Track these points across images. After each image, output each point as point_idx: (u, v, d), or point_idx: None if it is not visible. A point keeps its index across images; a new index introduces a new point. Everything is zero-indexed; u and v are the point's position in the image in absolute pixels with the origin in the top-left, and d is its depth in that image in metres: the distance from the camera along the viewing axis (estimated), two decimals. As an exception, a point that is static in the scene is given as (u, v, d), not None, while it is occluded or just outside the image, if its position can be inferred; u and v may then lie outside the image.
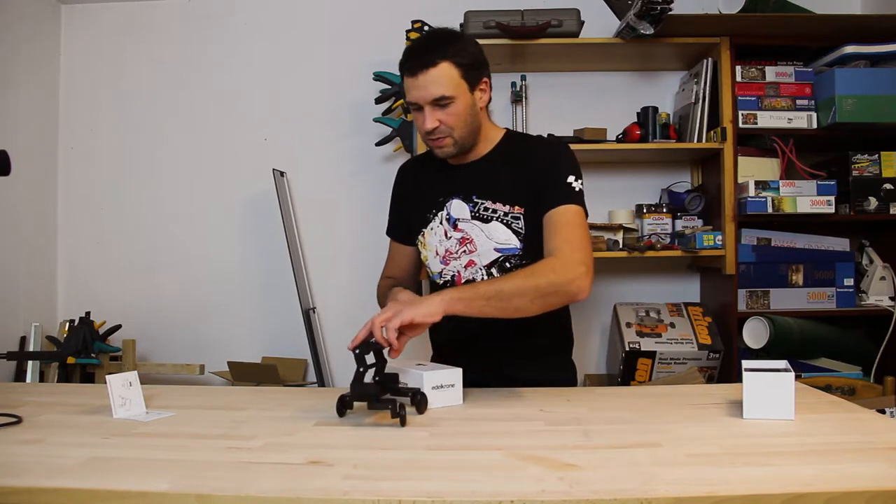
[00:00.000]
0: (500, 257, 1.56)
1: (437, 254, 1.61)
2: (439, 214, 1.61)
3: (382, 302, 1.66)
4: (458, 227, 1.58)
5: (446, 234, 1.59)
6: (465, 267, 1.58)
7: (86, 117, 2.88)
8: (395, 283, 1.66)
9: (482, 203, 1.56)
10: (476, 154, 1.60)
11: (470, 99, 1.50)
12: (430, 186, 1.64)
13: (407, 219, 1.70)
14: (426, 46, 1.49)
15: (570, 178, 1.50)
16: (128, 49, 2.88)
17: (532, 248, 1.53)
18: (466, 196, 1.58)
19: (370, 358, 1.26)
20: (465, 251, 1.57)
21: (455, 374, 1.36)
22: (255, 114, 2.85)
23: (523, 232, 1.54)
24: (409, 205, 1.69)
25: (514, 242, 1.54)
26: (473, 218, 1.57)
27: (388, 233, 1.78)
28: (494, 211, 1.55)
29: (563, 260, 1.40)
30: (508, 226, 1.55)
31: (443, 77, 1.45)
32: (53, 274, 2.87)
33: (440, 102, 1.47)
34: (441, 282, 1.62)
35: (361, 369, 1.24)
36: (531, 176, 1.53)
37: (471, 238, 1.57)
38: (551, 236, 1.46)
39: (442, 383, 1.34)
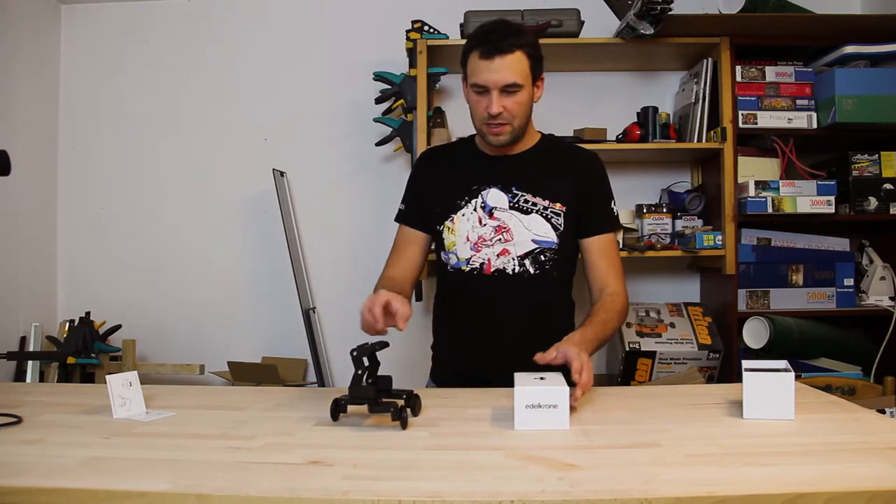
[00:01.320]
0: (536, 249, 1.59)
1: (469, 239, 1.60)
2: (473, 202, 1.61)
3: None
4: (494, 215, 1.60)
5: (481, 221, 1.60)
6: (498, 256, 1.59)
7: (86, 117, 2.88)
8: (392, 285, 1.59)
9: (522, 195, 1.60)
10: (517, 148, 1.64)
11: (531, 91, 1.56)
12: (460, 174, 1.65)
13: (429, 205, 1.67)
14: (502, 32, 1.52)
15: (613, 203, 1.68)
16: (128, 49, 2.88)
17: (566, 245, 1.62)
18: (505, 186, 1.61)
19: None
20: (499, 239, 1.59)
21: (558, 393, 1.16)
22: (255, 114, 2.85)
23: (561, 229, 1.60)
24: (434, 191, 1.67)
25: (551, 237, 1.60)
26: (511, 208, 1.60)
27: (401, 219, 1.73)
28: (535, 204, 1.60)
29: (622, 295, 1.60)
30: (548, 220, 1.60)
31: (517, 64, 1.50)
32: (53, 274, 2.87)
33: (509, 89, 1.51)
34: (467, 269, 1.61)
35: (360, 372, 1.24)
36: (579, 183, 1.63)
37: (508, 227, 1.59)
38: (602, 262, 1.63)
39: (540, 402, 1.15)
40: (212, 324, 2.84)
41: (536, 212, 1.60)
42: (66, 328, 2.62)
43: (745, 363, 1.24)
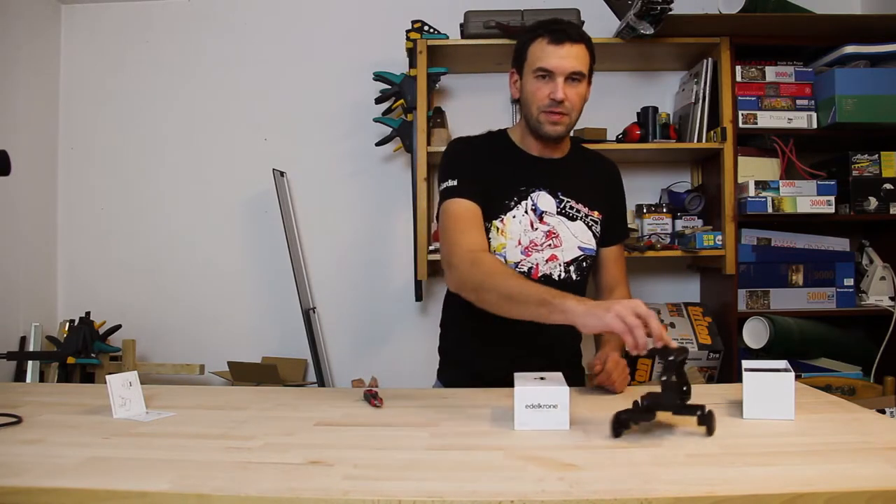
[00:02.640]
0: (580, 256, 1.61)
1: (520, 243, 1.56)
2: (523, 203, 1.57)
3: (498, 281, 1.37)
4: (544, 220, 1.58)
5: (532, 225, 1.57)
6: (547, 261, 1.58)
7: (86, 117, 2.88)
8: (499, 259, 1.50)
9: (568, 201, 1.60)
10: (558, 151, 1.63)
11: (587, 89, 1.56)
12: (509, 173, 1.58)
13: (484, 190, 1.54)
14: (571, 25, 1.53)
15: (626, 213, 1.74)
16: (128, 49, 2.88)
17: (598, 253, 1.67)
18: (552, 191, 1.59)
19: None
20: (549, 245, 1.58)
21: (559, 393, 1.15)
22: (255, 114, 2.85)
23: (598, 236, 1.63)
24: (483, 179, 1.55)
25: (593, 244, 1.63)
26: (559, 214, 1.59)
27: (463, 194, 1.52)
28: (579, 211, 1.61)
29: (628, 297, 1.61)
30: (589, 227, 1.62)
31: (583, 55, 1.51)
32: (53, 274, 2.87)
33: (575, 77, 1.50)
34: (516, 271, 1.54)
35: (674, 377, 1.12)
36: (610, 192, 1.68)
37: (557, 233, 1.58)
38: (617, 269, 1.70)
39: (540, 402, 1.15)
40: (212, 324, 2.84)
41: (580, 219, 1.60)
42: (66, 328, 2.62)
43: (745, 363, 1.24)
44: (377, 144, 2.63)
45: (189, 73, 2.86)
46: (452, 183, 1.54)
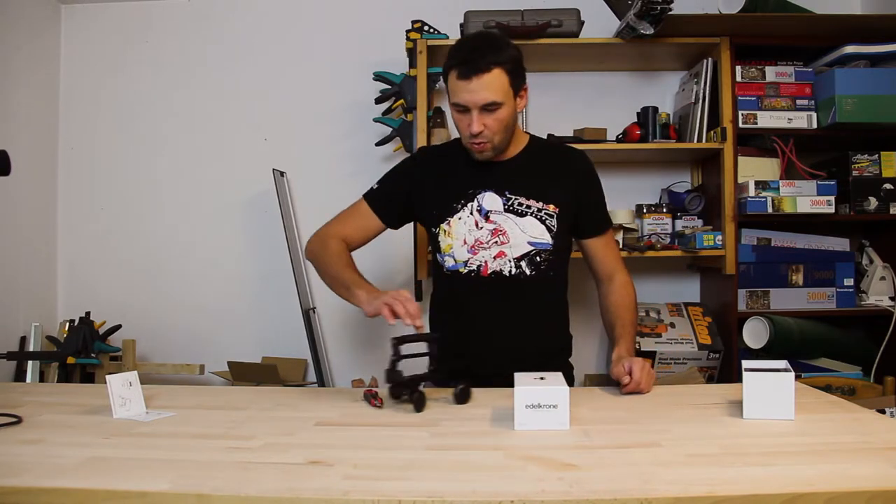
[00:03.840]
0: (532, 251, 1.61)
1: (466, 242, 1.62)
2: (469, 205, 1.63)
3: (328, 259, 1.65)
4: (490, 218, 1.61)
5: (477, 225, 1.62)
6: (494, 258, 1.61)
7: (86, 117, 2.88)
8: (348, 250, 1.70)
9: (516, 199, 1.61)
10: (506, 154, 1.65)
11: (514, 105, 1.56)
12: (457, 178, 1.66)
13: (420, 205, 1.69)
14: (480, 50, 1.51)
15: (605, 201, 1.72)
16: (128, 49, 2.88)
17: (560, 245, 1.65)
18: (499, 190, 1.62)
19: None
20: (496, 242, 1.61)
21: (559, 393, 1.17)
22: (255, 114, 2.85)
23: (555, 230, 1.62)
24: (431, 192, 1.68)
25: (546, 238, 1.62)
26: (506, 211, 1.61)
27: (369, 199, 1.74)
28: (528, 207, 1.61)
29: (630, 282, 1.71)
30: (542, 222, 1.62)
31: (495, 83, 1.50)
32: (53, 274, 2.87)
33: (489, 108, 1.51)
34: (465, 270, 1.63)
35: (395, 357, 1.35)
36: (576, 184, 1.66)
37: (504, 230, 1.61)
38: (608, 258, 1.71)
39: (540, 402, 1.16)
40: (212, 324, 2.84)
41: (531, 214, 1.61)
42: (66, 328, 2.62)
43: (745, 363, 1.24)
44: (377, 144, 2.63)
45: (189, 73, 2.86)
46: (374, 186, 1.75)
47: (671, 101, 2.75)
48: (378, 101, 2.58)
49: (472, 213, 1.63)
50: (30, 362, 2.57)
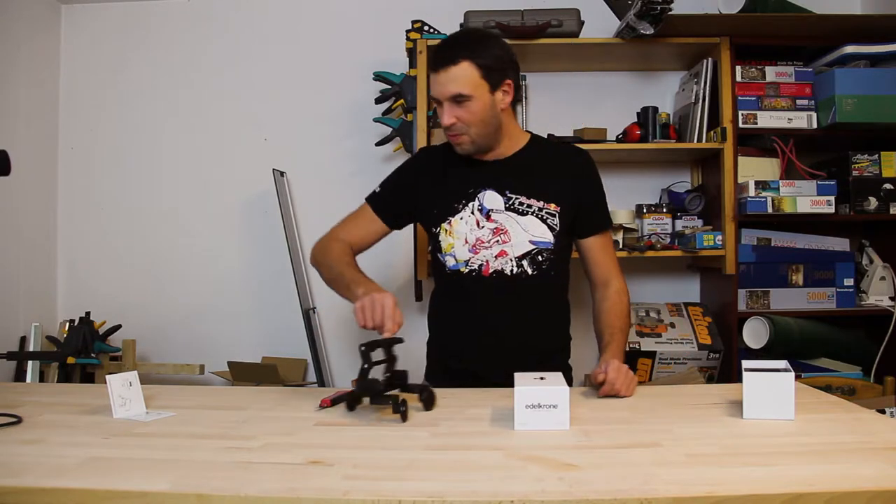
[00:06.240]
0: (533, 250, 1.61)
1: (467, 242, 1.62)
2: (470, 205, 1.63)
3: (330, 262, 1.64)
4: (492, 217, 1.61)
5: (478, 224, 1.62)
6: (496, 257, 1.61)
7: (86, 117, 2.88)
8: (351, 252, 1.69)
9: (517, 198, 1.61)
10: (504, 152, 1.65)
11: (489, 99, 1.55)
12: (458, 177, 1.66)
13: (423, 205, 1.69)
14: (451, 44, 1.55)
15: (606, 201, 1.70)
16: (128, 49, 2.88)
17: (562, 244, 1.64)
18: (499, 189, 1.62)
19: (377, 355, 1.31)
20: (497, 241, 1.61)
21: (558, 393, 1.16)
22: (255, 114, 2.85)
23: (557, 228, 1.62)
24: (432, 192, 1.68)
25: (548, 237, 1.61)
26: (507, 210, 1.61)
27: (371, 201, 1.74)
28: (529, 206, 1.61)
29: (625, 290, 1.69)
30: (544, 221, 1.61)
31: (462, 76, 1.51)
32: (53, 274, 2.87)
33: (458, 100, 1.53)
34: (466, 270, 1.62)
35: (366, 366, 1.26)
36: (577, 182, 1.65)
37: (505, 229, 1.61)
38: (605, 262, 1.69)
39: (540, 402, 1.16)
40: (212, 324, 2.84)
41: (532, 213, 1.61)
42: (66, 328, 2.62)
43: (745, 363, 1.24)
44: (377, 144, 2.63)
45: (189, 72, 2.86)
46: (376, 189, 1.76)
47: (671, 101, 2.75)
48: (378, 101, 2.58)
49: (472, 213, 1.63)
50: (30, 362, 2.57)
